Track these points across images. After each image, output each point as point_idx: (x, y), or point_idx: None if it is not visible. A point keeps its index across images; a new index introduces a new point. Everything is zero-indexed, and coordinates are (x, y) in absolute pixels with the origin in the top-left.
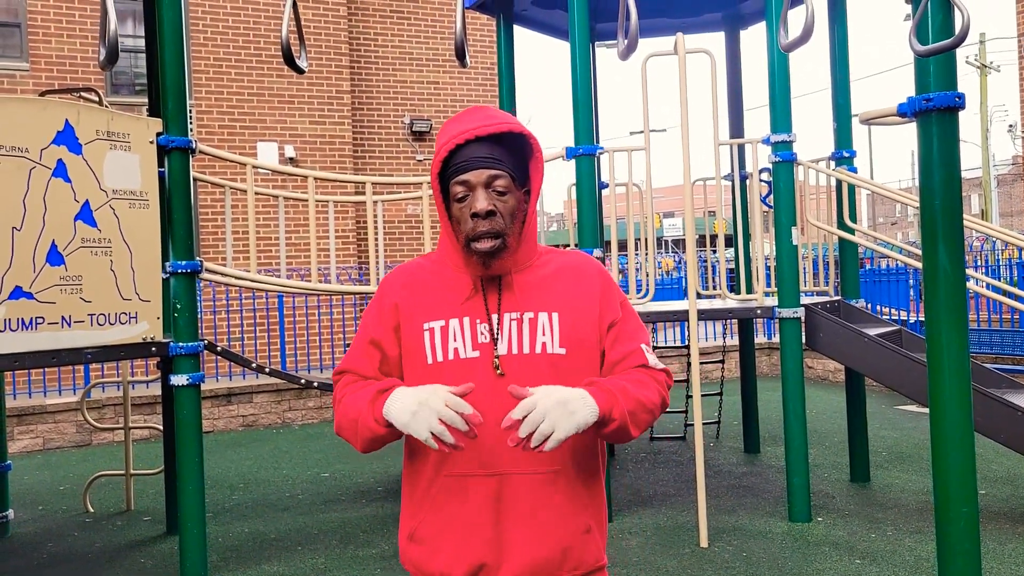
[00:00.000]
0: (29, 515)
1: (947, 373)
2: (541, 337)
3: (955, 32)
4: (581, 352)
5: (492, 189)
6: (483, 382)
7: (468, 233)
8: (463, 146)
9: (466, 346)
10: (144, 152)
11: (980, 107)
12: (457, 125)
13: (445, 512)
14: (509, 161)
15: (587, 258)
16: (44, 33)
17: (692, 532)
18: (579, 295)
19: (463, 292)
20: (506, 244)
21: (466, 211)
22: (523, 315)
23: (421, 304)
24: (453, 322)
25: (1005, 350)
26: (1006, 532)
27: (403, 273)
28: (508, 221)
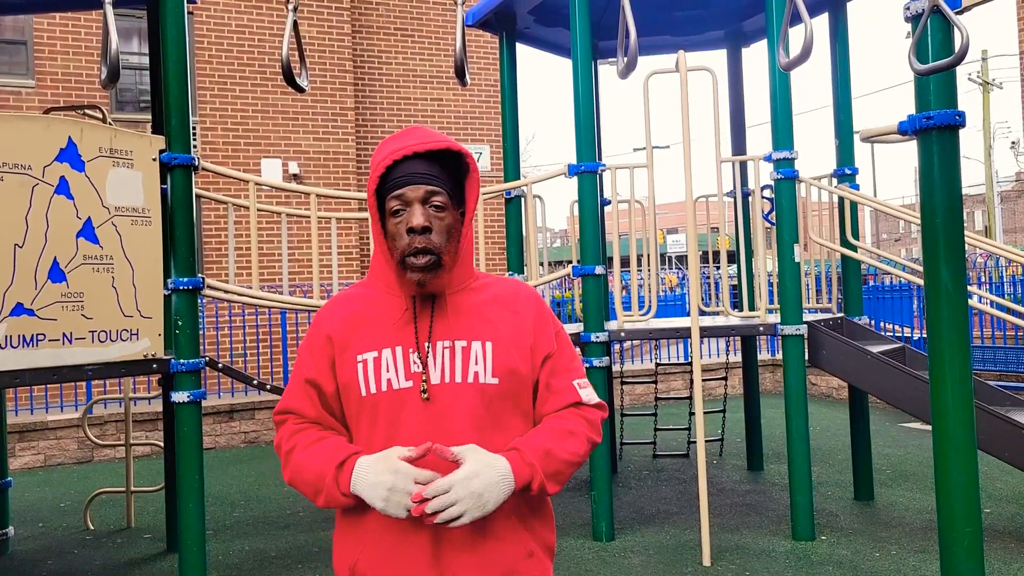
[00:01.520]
0: (30, 532)
1: (950, 391)
2: (473, 366)
3: (954, 51)
4: (513, 382)
5: (429, 205)
6: (414, 411)
7: (404, 249)
8: (400, 162)
9: (399, 376)
10: (147, 169)
11: (983, 124)
12: (395, 142)
13: (385, 544)
14: (446, 179)
15: (523, 286)
16: (50, 51)
17: (695, 551)
18: (513, 324)
19: (395, 315)
20: (441, 262)
21: (402, 227)
22: (455, 343)
23: (354, 336)
24: (386, 352)
25: (1009, 367)
26: (1011, 551)
27: (336, 305)
28: (444, 238)
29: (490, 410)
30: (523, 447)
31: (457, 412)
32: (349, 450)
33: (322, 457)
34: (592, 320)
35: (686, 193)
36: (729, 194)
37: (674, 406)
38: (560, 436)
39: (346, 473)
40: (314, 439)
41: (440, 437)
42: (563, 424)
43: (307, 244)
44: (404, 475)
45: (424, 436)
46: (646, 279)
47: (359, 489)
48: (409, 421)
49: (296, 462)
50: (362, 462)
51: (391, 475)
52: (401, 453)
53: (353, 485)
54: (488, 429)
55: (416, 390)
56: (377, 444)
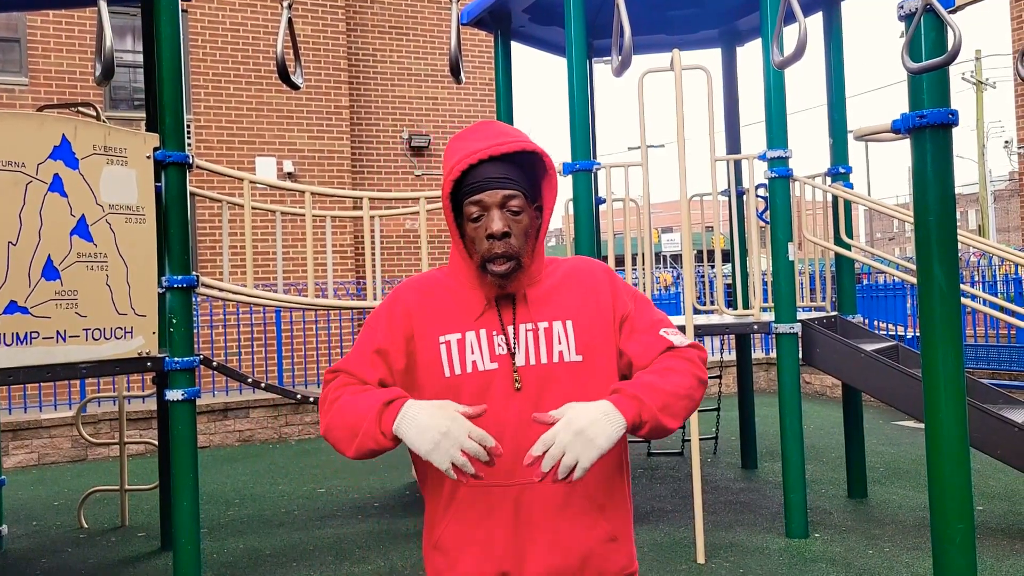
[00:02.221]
0: (23, 531)
1: (942, 389)
2: (557, 346)
3: (947, 49)
4: (598, 357)
5: (506, 209)
6: (502, 394)
7: (484, 254)
8: (476, 165)
9: (484, 358)
10: (141, 167)
11: (976, 123)
12: (469, 143)
13: (466, 522)
14: (522, 179)
15: (590, 260)
16: (43, 48)
17: (689, 548)
18: (589, 299)
19: (476, 308)
20: (520, 264)
21: (481, 231)
22: (538, 325)
23: (436, 316)
24: (469, 335)
25: (1002, 365)
26: (1003, 548)
27: (417, 283)
28: (522, 241)
29: (580, 388)
30: (621, 387)
31: (545, 393)
32: (400, 392)
33: (369, 399)
34: None
35: (681, 192)
36: (724, 193)
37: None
38: (660, 373)
39: (392, 411)
40: (363, 390)
41: (528, 419)
42: (660, 364)
43: (302, 242)
44: (461, 425)
45: (512, 416)
46: (641, 278)
47: (404, 430)
48: (496, 403)
49: (338, 407)
50: (413, 404)
51: (449, 421)
52: (458, 408)
53: (397, 425)
54: None
55: (502, 373)
56: None
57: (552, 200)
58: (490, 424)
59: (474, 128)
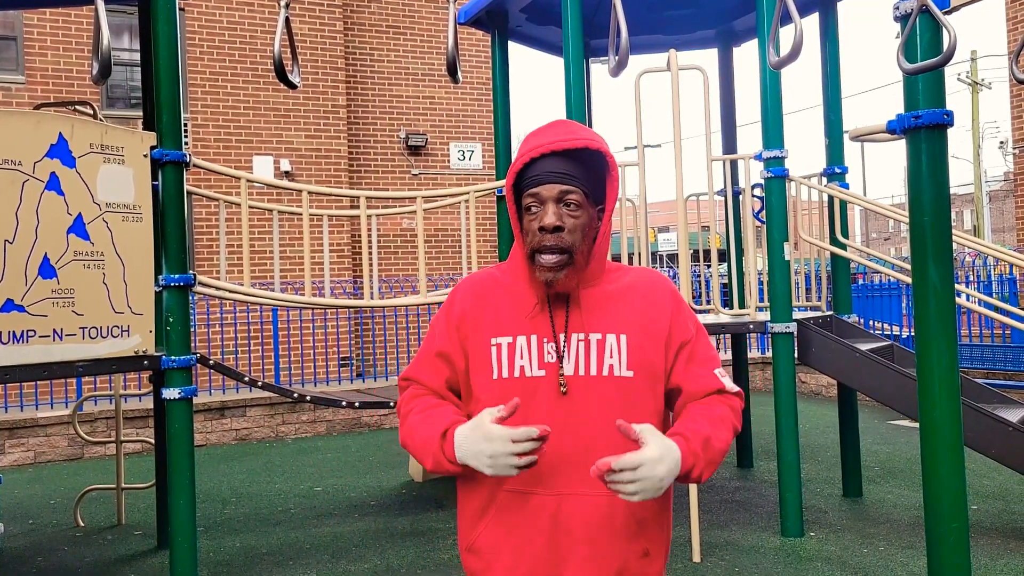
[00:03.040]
0: (19, 529)
1: (937, 389)
2: (608, 359)
3: (943, 50)
4: (648, 374)
5: (563, 204)
6: (547, 401)
7: (534, 246)
8: (538, 159)
9: (532, 364)
10: (138, 165)
11: (972, 124)
12: (536, 138)
13: (504, 527)
14: (584, 177)
15: (660, 276)
16: (40, 46)
17: (685, 547)
18: (649, 316)
19: (530, 308)
20: (572, 260)
21: (534, 224)
22: (590, 336)
23: (489, 318)
24: (520, 339)
25: (997, 365)
26: (998, 547)
27: (473, 284)
28: (578, 237)
29: (627, 403)
30: (687, 433)
31: (591, 405)
32: (451, 418)
33: (432, 423)
34: None
35: (677, 192)
36: (720, 193)
37: None
38: (714, 424)
39: (449, 443)
40: (430, 405)
41: (574, 429)
42: (714, 410)
43: (299, 241)
44: (500, 439)
45: (558, 426)
46: None
47: (465, 459)
48: (541, 411)
49: (410, 425)
50: (459, 432)
51: (487, 443)
52: (491, 415)
53: (458, 455)
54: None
55: (549, 380)
56: None
57: (613, 199)
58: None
59: (547, 125)
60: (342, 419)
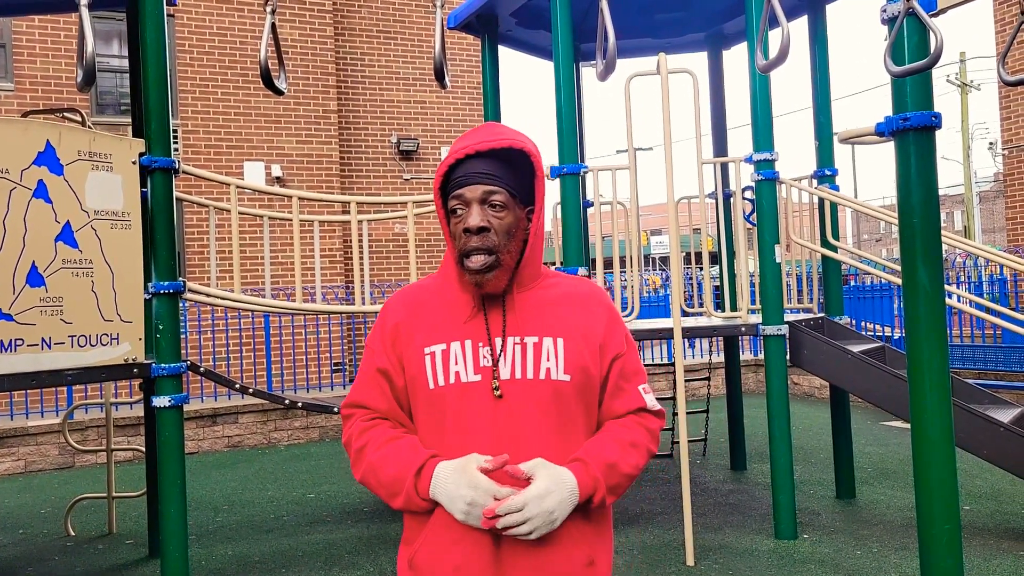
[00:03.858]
0: (10, 539)
1: (928, 390)
2: (545, 363)
3: (930, 53)
4: (584, 380)
5: (487, 205)
6: (483, 406)
7: (460, 249)
8: (463, 161)
9: (467, 369)
10: (126, 172)
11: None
12: (461, 141)
13: (444, 541)
14: (509, 178)
15: (595, 286)
16: (29, 53)
17: (679, 550)
18: (586, 324)
19: (465, 312)
20: (499, 262)
21: (459, 226)
22: (526, 339)
23: (421, 327)
24: (454, 345)
25: (988, 366)
26: (990, 548)
27: (404, 296)
28: (503, 238)
29: (560, 407)
30: (588, 459)
31: (528, 409)
32: (424, 454)
33: (398, 460)
34: None
35: (668, 194)
36: (711, 195)
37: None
38: (624, 448)
39: (425, 480)
40: (388, 438)
41: (510, 433)
42: (628, 434)
43: (289, 247)
44: (484, 491)
45: (494, 432)
46: (629, 280)
47: (438, 497)
48: (478, 416)
49: (369, 462)
50: (440, 470)
51: (471, 490)
52: (479, 463)
53: (432, 492)
54: (558, 427)
55: (485, 385)
56: (446, 439)
57: (542, 201)
58: (469, 435)
59: (475, 128)
60: (335, 425)
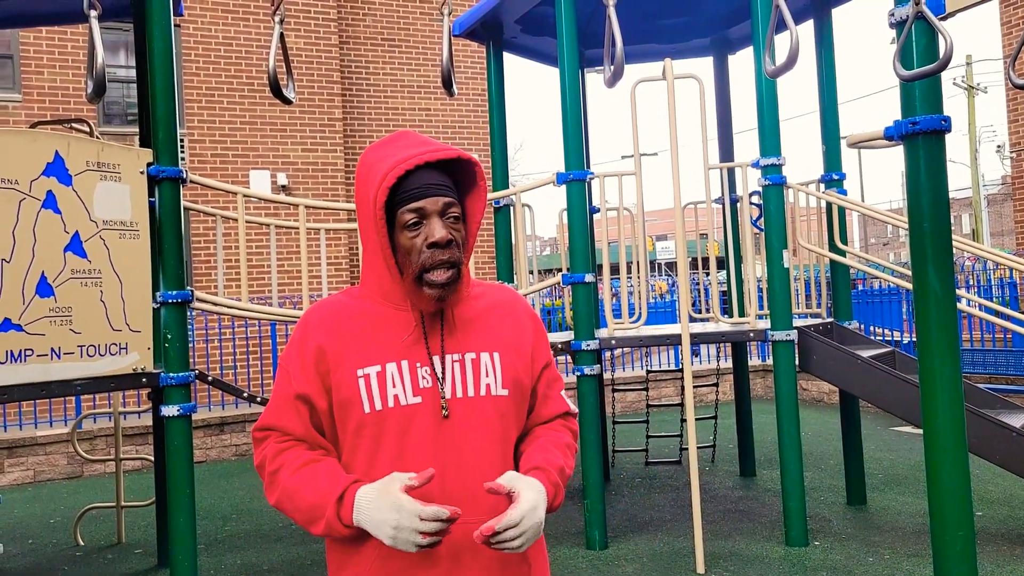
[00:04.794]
0: (19, 549)
1: (940, 395)
2: (485, 379)
3: (939, 57)
4: (518, 392)
5: (446, 217)
6: (427, 428)
7: (424, 263)
8: (412, 172)
9: (406, 392)
10: (134, 182)
11: (969, 128)
12: (400, 150)
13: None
14: (457, 190)
15: (515, 293)
16: (37, 64)
17: (688, 558)
18: (515, 334)
19: (400, 331)
20: (460, 274)
21: (418, 240)
22: (465, 356)
23: (351, 348)
24: (391, 366)
25: (999, 370)
26: (1004, 554)
27: (323, 313)
28: (461, 251)
29: (503, 422)
30: (545, 466)
31: (474, 428)
32: (346, 479)
33: (316, 485)
34: (583, 328)
35: (674, 200)
36: (717, 200)
37: (666, 413)
38: (564, 452)
39: (347, 506)
40: (303, 461)
41: (453, 453)
42: (561, 438)
43: (296, 255)
44: (408, 512)
45: (438, 453)
46: (636, 286)
47: (363, 523)
48: (420, 438)
49: (285, 486)
50: (362, 495)
51: (395, 513)
52: (402, 482)
53: (356, 518)
54: (500, 441)
55: (427, 406)
56: (382, 463)
57: (480, 213)
58: (407, 458)
59: (396, 137)
60: None
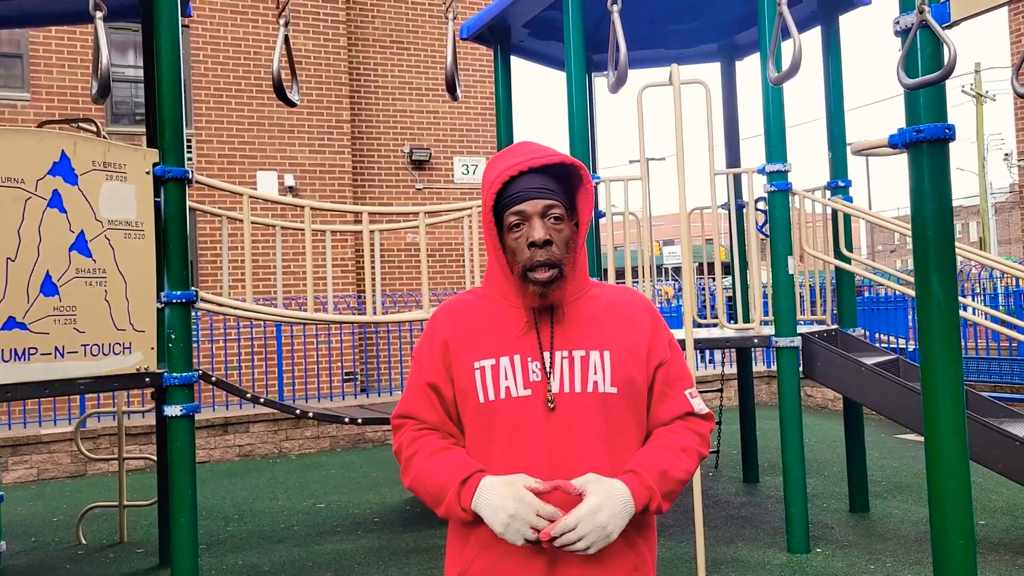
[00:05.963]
0: (22, 547)
1: (941, 403)
2: (593, 376)
3: (943, 65)
4: (631, 391)
5: (547, 218)
6: (534, 421)
7: (525, 263)
8: (516, 178)
9: (517, 384)
10: (140, 182)
11: (976, 136)
12: (508, 159)
13: (497, 552)
14: (560, 192)
15: (638, 294)
16: (45, 64)
17: (690, 564)
18: (630, 333)
19: (514, 327)
20: (562, 273)
21: (522, 241)
22: (573, 353)
23: (470, 341)
24: (504, 360)
25: (1003, 378)
26: (1006, 564)
27: (451, 310)
28: (564, 250)
29: (610, 419)
30: (640, 469)
31: (578, 422)
32: (473, 466)
33: (445, 469)
34: None
35: (680, 205)
36: (723, 206)
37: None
38: (675, 454)
39: (469, 490)
40: (437, 448)
41: (560, 446)
42: (677, 440)
43: (302, 257)
44: (528, 505)
45: (545, 446)
46: (641, 291)
47: (480, 508)
48: (529, 430)
49: (418, 469)
50: (487, 482)
51: (515, 503)
52: (528, 483)
53: (475, 503)
54: (608, 438)
55: (535, 399)
56: (495, 452)
57: (588, 212)
58: (518, 448)
59: (512, 147)
60: (346, 435)
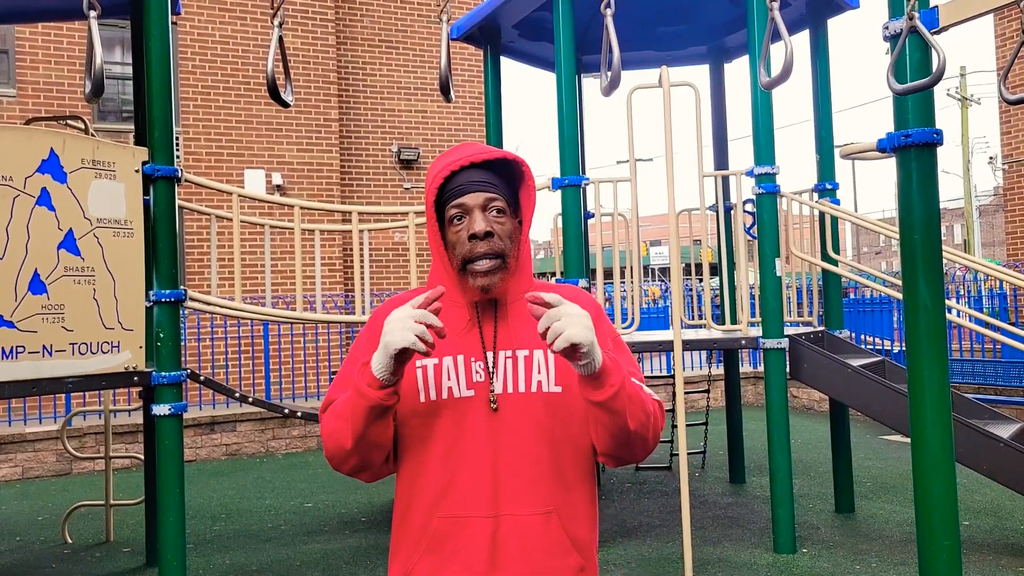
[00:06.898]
0: (6, 546)
1: (928, 405)
2: (536, 375)
3: (932, 70)
4: (575, 390)
5: (488, 211)
6: (477, 421)
7: (465, 255)
8: (458, 173)
9: (460, 385)
10: (129, 181)
11: (961, 139)
12: (450, 156)
13: (441, 554)
14: (503, 188)
15: (582, 293)
16: (32, 60)
17: (677, 564)
18: None
19: (458, 325)
20: (505, 264)
21: (462, 233)
22: (517, 352)
23: None
24: (447, 360)
25: (988, 380)
26: (990, 564)
27: (394, 306)
28: (507, 242)
29: (555, 419)
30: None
31: (522, 423)
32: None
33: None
34: None
35: (669, 206)
36: (711, 207)
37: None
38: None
39: (367, 366)
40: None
41: (502, 446)
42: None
43: (290, 256)
44: (404, 312)
45: (486, 446)
46: (629, 291)
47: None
48: (471, 431)
49: (328, 416)
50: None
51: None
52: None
53: (374, 363)
54: (552, 439)
55: (478, 399)
56: (434, 452)
57: (531, 208)
58: (467, 449)
59: (456, 147)
60: None
